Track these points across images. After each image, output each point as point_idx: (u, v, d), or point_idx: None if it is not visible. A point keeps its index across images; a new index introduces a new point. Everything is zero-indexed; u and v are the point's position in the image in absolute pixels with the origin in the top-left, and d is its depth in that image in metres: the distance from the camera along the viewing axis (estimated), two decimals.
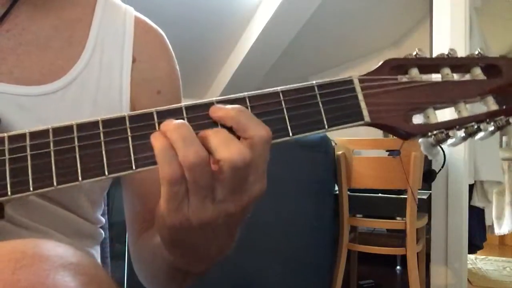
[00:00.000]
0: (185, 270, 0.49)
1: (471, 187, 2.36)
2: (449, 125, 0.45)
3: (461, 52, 0.47)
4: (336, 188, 2.18)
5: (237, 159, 0.38)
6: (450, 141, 0.45)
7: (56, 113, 0.54)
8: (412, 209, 1.97)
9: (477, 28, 2.34)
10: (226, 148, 0.38)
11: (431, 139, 0.45)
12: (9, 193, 0.38)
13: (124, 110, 0.59)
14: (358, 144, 2.19)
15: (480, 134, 0.46)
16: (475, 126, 0.46)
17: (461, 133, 0.46)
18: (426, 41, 2.51)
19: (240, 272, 1.90)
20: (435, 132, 0.45)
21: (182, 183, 0.38)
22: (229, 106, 0.41)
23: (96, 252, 0.66)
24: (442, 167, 2.17)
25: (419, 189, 2.04)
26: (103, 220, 0.67)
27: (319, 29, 3.46)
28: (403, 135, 0.45)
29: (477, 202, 2.44)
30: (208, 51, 3.53)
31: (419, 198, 2.03)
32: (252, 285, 1.92)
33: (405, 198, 2.00)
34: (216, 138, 0.39)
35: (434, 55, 0.48)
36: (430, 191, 2.29)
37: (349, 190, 2.16)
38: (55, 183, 0.38)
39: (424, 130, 0.45)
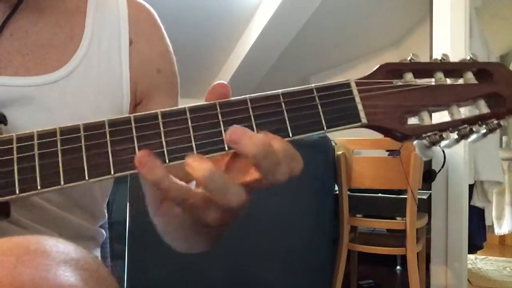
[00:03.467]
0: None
1: (471, 187, 2.36)
2: (442, 127, 0.47)
3: (461, 52, 0.47)
4: (336, 188, 2.18)
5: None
6: (444, 142, 0.47)
7: (61, 102, 0.55)
8: (412, 209, 1.97)
9: (477, 28, 2.34)
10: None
11: (425, 141, 0.47)
12: (17, 191, 0.39)
13: (125, 93, 0.61)
14: (358, 144, 2.19)
15: (473, 136, 0.48)
16: (468, 129, 0.47)
17: (454, 135, 0.47)
18: (426, 41, 2.50)
19: (240, 272, 1.90)
20: (429, 133, 0.46)
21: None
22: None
23: (97, 253, 0.67)
24: (442, 167, 2.17)
25: (419, 189, 2.04)
26: (105, 216, 0.67)
27: (319, 29, 3.46)
28: (399, 137, 0.46)
29: (477, 202, 2.44)
30: (208, 51, 3.53)
31: (419, 198, 2.04)
32: (252, 285, 1.92)
33: (405, 198, 2.00)
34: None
35: (434, 55, 0.49)
36: (430, 191, 2.29)
37: (349, 190, 2.16)
38: (62, 182, 0.39)
39: (418, 131, 0.46)
